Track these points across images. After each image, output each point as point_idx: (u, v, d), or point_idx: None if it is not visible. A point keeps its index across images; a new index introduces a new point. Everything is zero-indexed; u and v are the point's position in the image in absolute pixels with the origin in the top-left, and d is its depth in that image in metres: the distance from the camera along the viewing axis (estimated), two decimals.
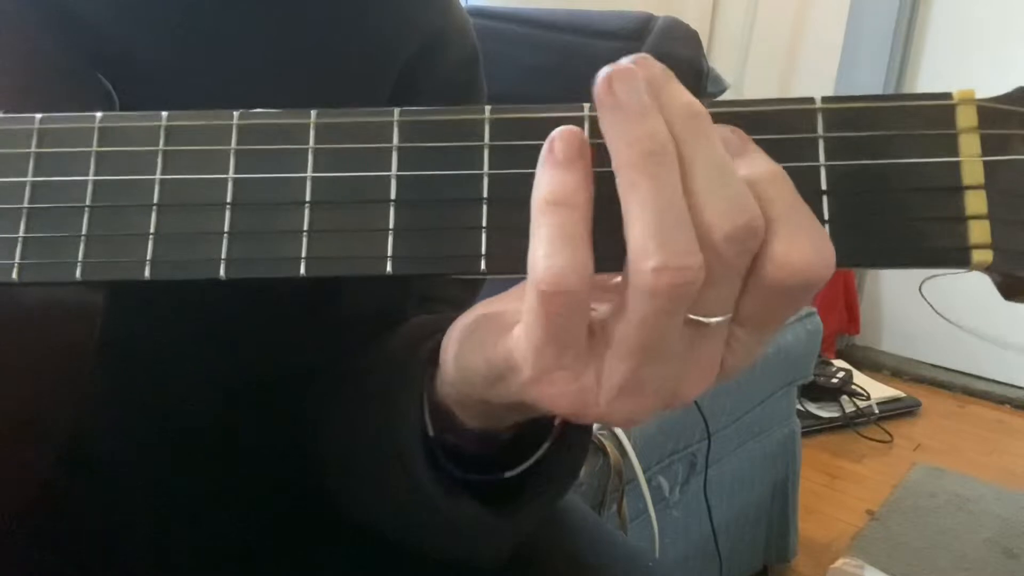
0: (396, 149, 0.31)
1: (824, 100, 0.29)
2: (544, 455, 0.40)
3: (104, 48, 0.43)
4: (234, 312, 0.43)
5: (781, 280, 0.27)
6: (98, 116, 0.32)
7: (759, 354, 0.30)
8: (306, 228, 0.31)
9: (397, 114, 0.31)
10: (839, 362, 2.31)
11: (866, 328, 2.61)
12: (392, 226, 0.30)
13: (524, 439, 0.40)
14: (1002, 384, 2.40)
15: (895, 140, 0.29)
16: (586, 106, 0.30)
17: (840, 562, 1.56)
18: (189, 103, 0.33)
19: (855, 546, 1.67)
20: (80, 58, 0.41)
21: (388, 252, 0.30)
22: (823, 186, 0.29)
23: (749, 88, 2.55)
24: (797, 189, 0.28)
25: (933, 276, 2.28)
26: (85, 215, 0.32)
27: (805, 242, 0.27)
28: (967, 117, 0.29)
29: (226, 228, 0.31)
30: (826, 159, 0.29)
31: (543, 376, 0.29)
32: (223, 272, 0.31)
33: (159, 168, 0.32)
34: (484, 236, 0.30)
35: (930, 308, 2.39)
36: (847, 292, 2.50)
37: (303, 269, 0.30)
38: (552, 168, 0.28)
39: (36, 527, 0.42)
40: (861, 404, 2.18)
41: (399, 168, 0.31)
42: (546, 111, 0.30)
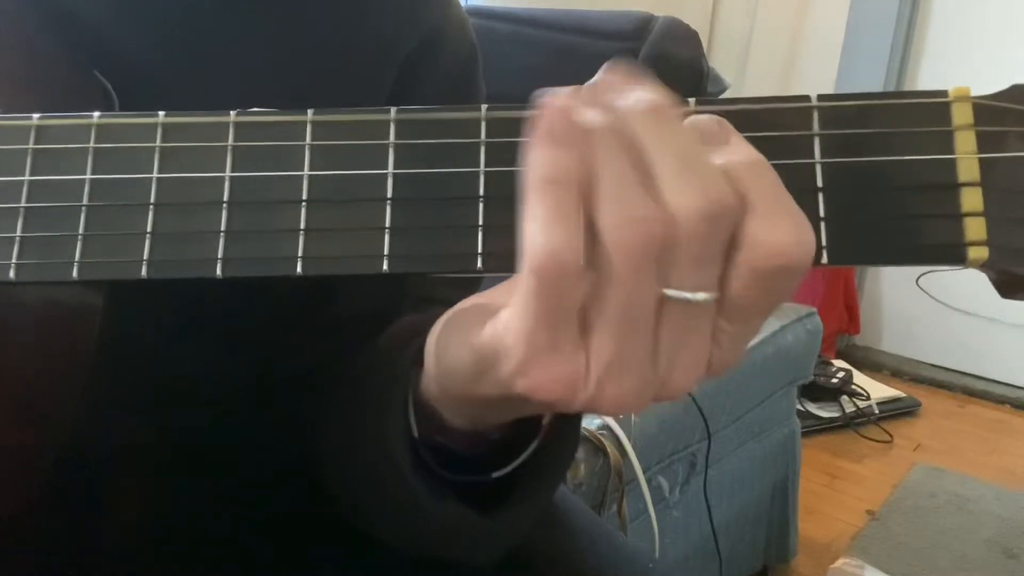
0: (392, 147, 0.31)
1: (820, 98, 0.29)
2: (533, 455, 0.40)
3: (104, 48, 0.43)
4: (233, 312, 0.43)
5: (760, 263, 0.27)
6: (95, 115, 0.32)
7: (744, 348, 0.30)
8: (303, 227, 0.30)
9: (393, 113, 0.31)
10: (839, 362, 2.31)
11: (866, 328, 2.61)
12: (388, 225, 0.30)
13: (513, 440, 0.40)
14: (1002, 384, 2.40)
15: (891, 138, 0.29)
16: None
17: (840, 562, 1.56)
18: (189, 103, 0.33)
19: (855, 546, 1.67)
20: (80, 58, 0.41)
21: (385, 251, 0.30)
22: (819, 183, 0.29)
23: (749, 88, 2.55)
24: (793, 187, 0.28)
25: (931, 270, 2.27)
26: (82, 214, 0.31)
27: (783, 225, 0.27)
28: (963, 114, 0.29)
29: (223, 227, 0.31)
30: (822, 156, 0.29)
31: (534, 360, 0.28)
32: (220, 271, 0.31)
33: (156, 167, 0.32)
34: (481, 234, 0.30)
35: (930, 307, 2.39)
36: (847, 292, 2.50)
37: (300, 268, 0.30)
38: (548, 147, 0.27)
39: (36, 527, 0.42)
40: (861, 404, 2.18)
41: (395, 167, 0.31)
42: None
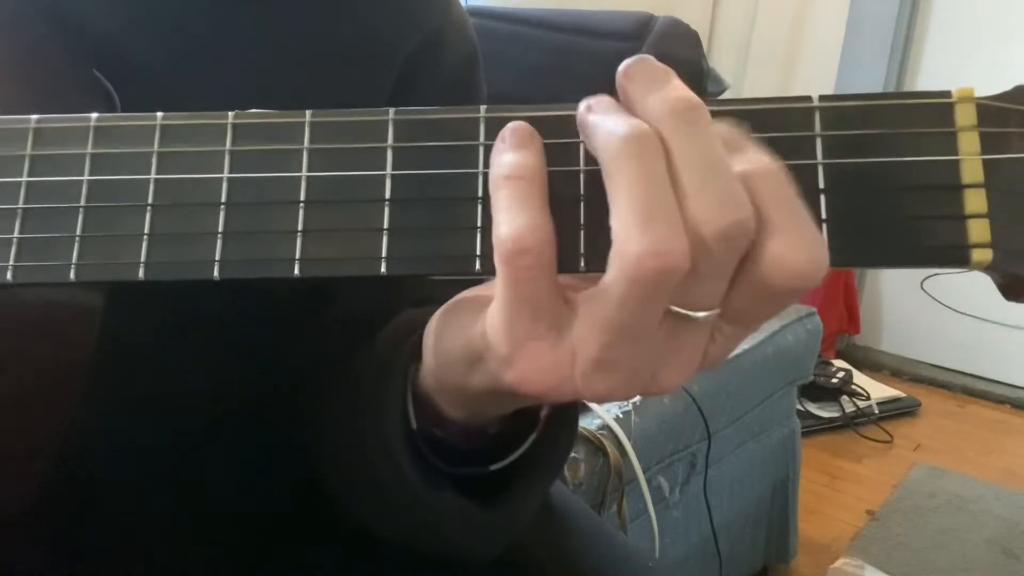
0: (391, 148, 0.31)
1: (822, 99, 0.29)
2: (530, 448, 0.40)
3: (105, 49, 0.43)
4: (231, 314, 0.43)
5: (773, 280, 0.27)
6: (93, 117, 0.32)
7: (739, 344, 0.30)
8: (300, 228, 0.30)
9: (392, 113, 0.31)
10: (839, 362, 2.31)
11: (866, 328, 2.61)
12: (387, 226, 0.30)
13: (512, 433, 0.40)
14: (1002, 384, 2.40)
15: (894, 138, 0.29)
16: (582, 105, 0.30)
17: (840, 562, 1.56)
18: (190, 103, 0.33)
19: (855, 546, 1.67)
20: (81, 58, 0.41)
21: (383, 252, 0.30)
22: (821, 185, 0.29)
23: (749, 88, 2.55)
24: (796, 188, 0.27)
25: (935, 274, 2.28)
26: (80, 216, 0.31)
27: (800, 244, 0.27)
28: (966, 115, 0.29)
29: (220, 228, 0.31)
30: (824, 157, 0.29)
31: (518, 349, 0.28)
32: (217, 273, 0.31)
33: (154, 168, 0.31)
34: (479, 236, 0.30)
35: (930, 308, 2.39)
36: (847, 292, 2.50)
37: (297, 270, 0.30)
38: (504, 152, 0.29)
39: (35, 528, 0.41)
40: (861, 404, 2.18)
41: (394, 167, 0.30)
42: (541, 110, 0.30)
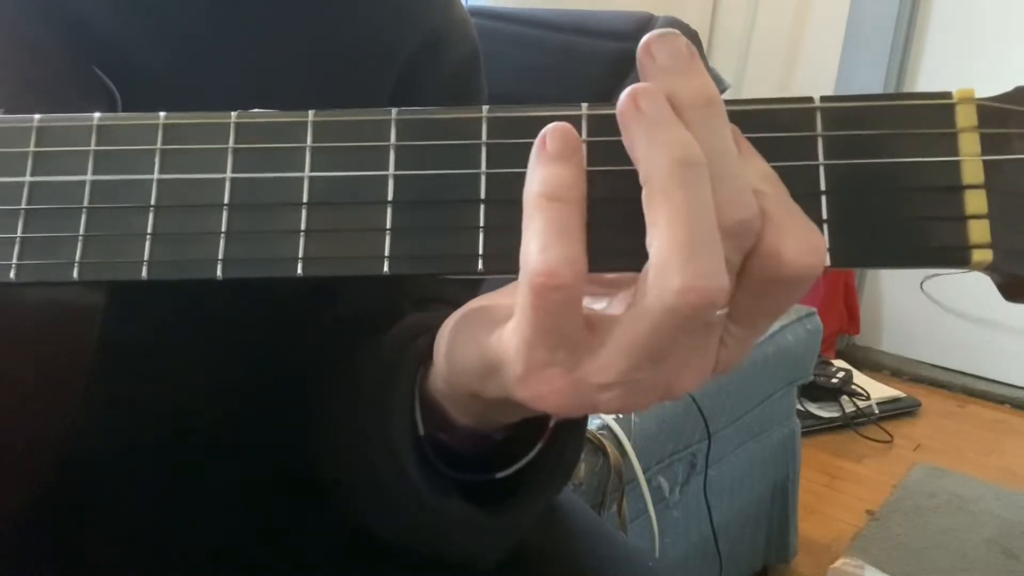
0: (393, 148, 0.31)
1: (823, 99, 0.29)
2: (537, 456, 0.40)
3: (107, 48, 0.43)
4: (233, 313, 0.43)
5: (774, 273, 0.27)
6: (96, 116, 0.32)
7: (751, 347, 0.30)
8: (303, 228, 0.30)
9: (394, 113, 0.31)
10: (839, 362, 2.31)
11: (866, 328, 2.61)
12: (389, 226, 0.30)
13: (517, 440, 0.40)
14: (1002, 384, 2.40)
15: (894, 139, 0.29)
16: (584, 105, 0.30)
17: (840, 562, 1.56)
18: (191, 103, 0.33)
19: (855, 546, 1.67)
20: (83, 58, 0.41)
21: (385, 252, 0.30)
22: (822, 186, 0.29)
23: (749, 88, 2.55)
24: (796, 188, 0.28)
25: (935, 274, 2.28)
26: (83, 215, 0.31)
27: (797, 235, 0.27)
28: (967, 116, 0.29)
29: (223, 228, 0.31)
30: (825, 158, 0.29)
31: (534, 373, 0.28)
32: (220, 272, 0.31)
33: (156, 168, 0.31)
34: (482, 236, 0.30)
35: (929, 308, 2.39)
36: (847, 292, 2.50)
37: (300, 269, 0.30)
38: (546, 163, 0.28)
39: (35, 529, 0.42)
40: (861, 404, 2.18)
41: (396, 168, 0.30)
42: (544, 110, 0.30)
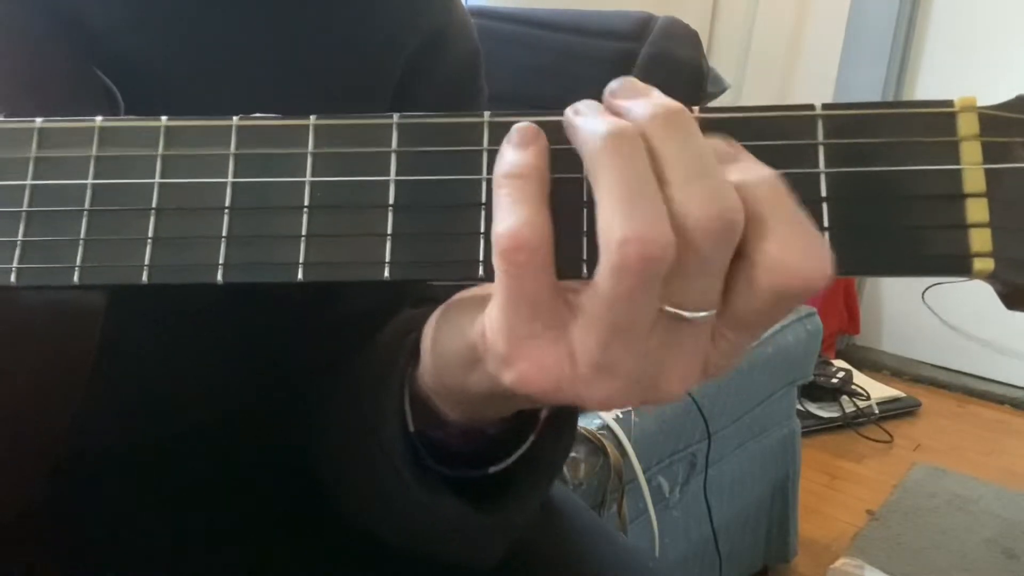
0: (395, 153, 0.31)
1: (824, 107, 0.29)
2: (529, 450, 0.40)
3: (109, 51, 0.43)
4: (232, 316, 0.43)
5: (772, 284, 0.27)
6: (98, 120, 0.32)
7: (744, 353, 0.30)
8: (304, 233, 0.30)
9: (396, 118, 0.31)
10: (839, 362, 2.31)
11: (866, 328, 2.61)
12: (390, 231, 0.30)
13: (510, 435, 0.40)
14: (1002, 384, 2.40)
15: (896, 147, 0.29)
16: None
17: (840, 562, 1.56)
18: (193, 106, 0.33)
19: (855, 546, 1.67)
20: (85, 61, 0.41)
21: (386, 257, 0.30)
22: (823, 193, 0.29)
23: (749, 88, 2.55)
24: (797, 196, 0.27)
25: (937, 283, 2.28)
26: (84, 219, 0.31)
27: (798, 245, 0.26)
28: (968, 125, 0.29)
29: (224, 232, 0.31)
30: (826, 166, 0.29)
31: (516, 348, 0.28)
32: (221, 277, 0.31)
33: (158, 172, 0.31)
34: (482, 242, 0.30)
35: (930, 309, 2.39)
36: (847, 292, 2.50)
37: (301, 274, 0.30)
38: (508, 151, 0.29)
39: (36, 529, 0.42)
40: (861, 404, 2.18)
41: (397, 173, 0.30)
42: (545, 115, 0.30)
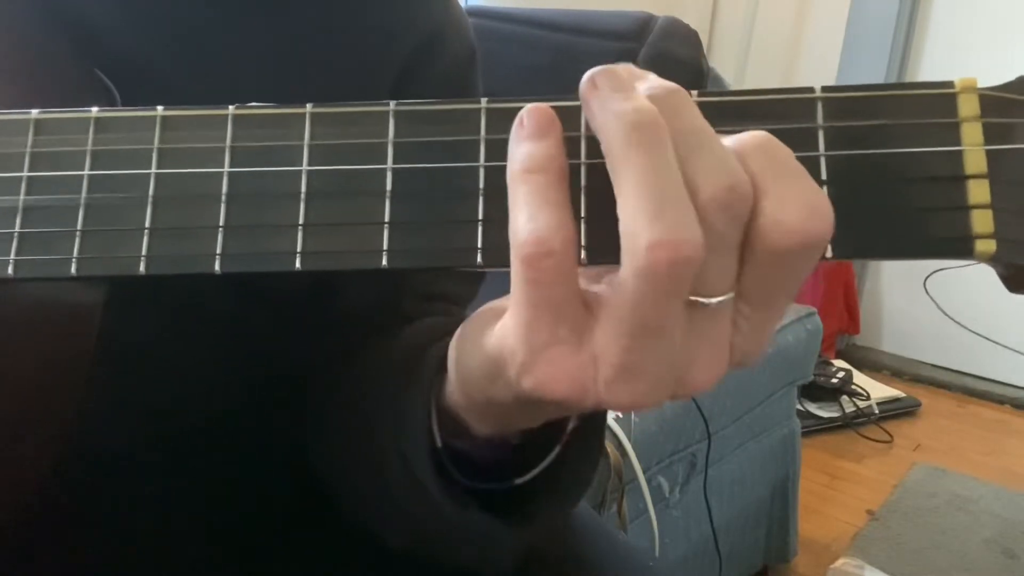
0: (392, 142, 0.30)
1: (824, 89, 0.29)
2: (555, 463, 0.39)
3: (106, 48, 0.43)
4: (234, 311, 0.43)
5: (777, 242, 0.26)
6: (94, 110, 0.32)
7: (770, 334, 0.29)
8: (301, 222, 0.30)
9: (393, 106, 0.31)
10: (839, 362, 2.31)
11: (866, 328, 2.61)
12: (388, 219, 0.30)
13: (535, 447, 0.39)
14: (1002, 384, 2.40)
15: (896, 129, 0.29)
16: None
17: (840, 562, 1.56)
18: (190, 103, 0.32)
19: (855, 546, 1.66)
20: (82, 57, 0.41)
21: (384, 246, 0.30)
22: (823, 176, 0.29)
23: (749, 87, 2.55)
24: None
25: (937, 270, 2.27)
26: (80, 210, 0.31)
27: (797, 198, 0.26)
28: (969, 106, 0.28)
29: (221, 222, 0.31)
30: (826, 149, 0.29)
31: (537, 355, 0.27)
32: (218, 267, 0.30)
33: (154, 162, 0.31)
34: (480, 229, 0.30)
35: (930, 307, 2.39)
36: (847, 292, 2.50)
37: (298, 263, 0.30)
38: (523, 140, 0.28)
39: (35, 527, 0.41)
40: (861, 404, 2.18)
41: (395, 161, 0.30)
42: (542, 102, 0.30)
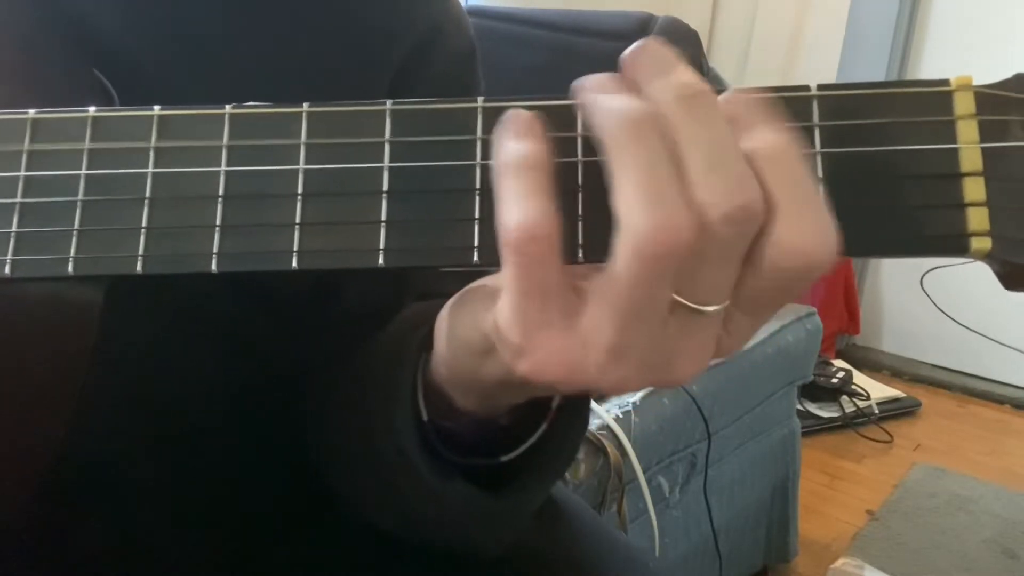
0: (388, 141, 0.31)
1: (820, 87, 0.29)
2: (540, 439, 0.40)
3: (104, 47, 0.43)
4: (233, 312, 0.43)
5: (783, 264, 0.26)
6: (91, 110, 0.32)
7: (753, 334, 0.30)
8: (298, 221, 0.30)
9: (389, 105, 0.31)
10: (839, 362, 2.31)
11: (866, 328, 2.60)
12: (384, 218, 0.30)
13: (521, 426, 0.40)
14: (1002, 384, 2.40)
15: (892, 127, 0.29)
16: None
17: (840, 562, 1.56)
18: (188, 102, 0.33)
19: (855, 546, 1.66)
20: (79, 57, 0.41)
21: (380, 245, 0.30)
22: (819, 174, 0.29)
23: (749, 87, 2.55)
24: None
25: (933, 268, 2.27)
26: (78, 210, 0.31)
27: (809, 225, 0.26)
28: (965, 104, 0.29)
29: (218, 221, 0.31)
30: (822, 147, 0.29)
31: (530, 338, 0.28)
32: (215, 266, 0.31)
33: (151, 162, 0.31)
34: (477, 227, 0.30)
35: (930, 307, 2.38)
36: (847, 292, 2.50)
37: (295, 262, 0.30)
38: (509, 140, 0.28)
39: (34, 527, 0.41)
40: (861, 404, 2.18)
41: (391, 160, 0.30)
42: (539, 101, 0.30)
